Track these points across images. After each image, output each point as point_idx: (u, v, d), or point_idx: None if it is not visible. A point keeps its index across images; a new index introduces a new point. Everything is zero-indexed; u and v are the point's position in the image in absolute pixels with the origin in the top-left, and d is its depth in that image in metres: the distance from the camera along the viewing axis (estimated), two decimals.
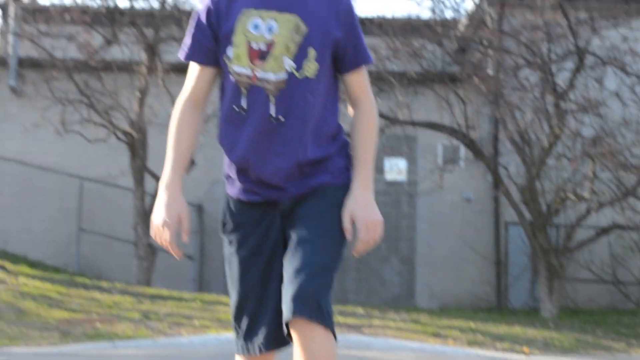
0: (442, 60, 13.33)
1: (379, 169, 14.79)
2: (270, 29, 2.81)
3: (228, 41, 2.88)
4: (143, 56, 13.51)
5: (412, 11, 13.36)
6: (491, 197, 15.21)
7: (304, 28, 2.81)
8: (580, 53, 12.18)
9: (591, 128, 12.74)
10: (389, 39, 12.68)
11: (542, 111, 12.45)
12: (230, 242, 2.99)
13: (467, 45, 13.41)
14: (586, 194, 12.61)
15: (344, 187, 2.91)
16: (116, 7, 13.21)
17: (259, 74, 2.82)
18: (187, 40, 3.00)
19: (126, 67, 13.75)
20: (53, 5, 13.73)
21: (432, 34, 12.58)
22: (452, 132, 12.94)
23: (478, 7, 13.14)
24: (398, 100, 13.10)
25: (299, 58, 2.81)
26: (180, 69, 14.39)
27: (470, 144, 12.91)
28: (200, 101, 3.00)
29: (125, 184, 14.81)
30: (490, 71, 12.94)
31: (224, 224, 3.02)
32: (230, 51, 2.87)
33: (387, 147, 14.27)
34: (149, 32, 13.33)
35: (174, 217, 2.88)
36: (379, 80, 12.58)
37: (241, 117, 2.88)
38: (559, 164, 13.23)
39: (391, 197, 15.24)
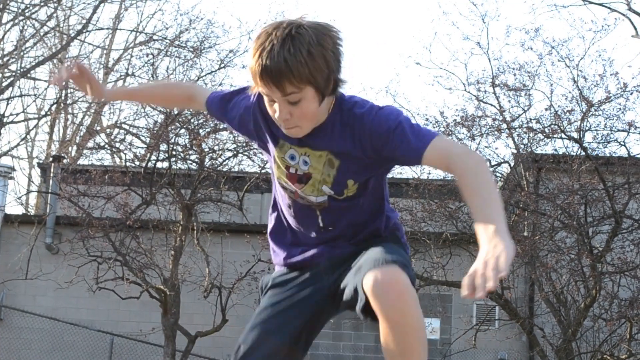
0: None
1: None
2: (305, 163, 2.82)
3: (272, 155, 2.93)
4: (179, 216, 13.56)
5: (448, 174, 13.24)
6: (526, 357, 14.96)
7: (336, 162, 2.79)
8: (617, 216, 12.14)
9: (628, 290, 12.55)
10: (425, 201, 12.71)
11: (578, 273, 12.32)
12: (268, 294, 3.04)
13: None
14: (623, 356, 12.36)
15: (392, 233, 2.97)
16: (155, 169, 13.32)
17: (301, 193, 2.88)
18: (224, 91, 3.07)
19: (162, 226, 13.76)
20: (94, 167, 13.90)
21: None
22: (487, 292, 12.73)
23: (514, 170, 13.23)
24: (433, 261, 13.02)
25: (337, 187, 2.83)
26: (215, 229, 14.52)
27: (505, 305, 12.74)
28: (192, 96, 3.17)
29: (156, 341, 14.59)
30: (526, 233, 12.87)
31: (263, 287, 3.09)
32: (274, 166, 2.93)
33: (421, 307, 14.07)
34: (186, 193, 13.40)
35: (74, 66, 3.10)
36: (414, 242, 12.52)
37: (292, 214, 2.96)
38: (596, 325, 12.93)
39: None
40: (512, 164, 13.40)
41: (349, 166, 2.78)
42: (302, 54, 2.50)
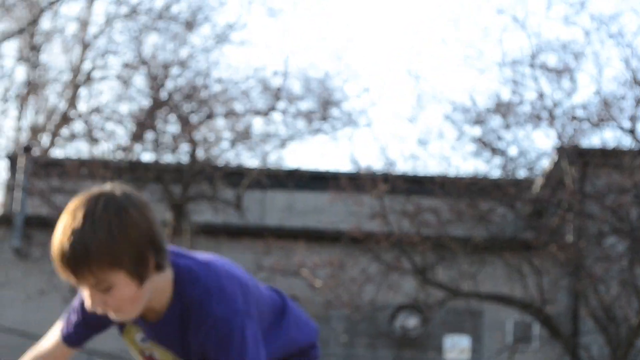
0: (513, 225, 13.30)
1: (438, 348, 14.59)
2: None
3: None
4: (168, 216, 13.57)
5: (480, 169, 13.33)
6: None
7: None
8: None
9: None
10: (453, 201, 12.76)
11: (630, 284, 12.32)
12: None
13: (543, 209, 13.40)
14: None
15: None
16: (140, 162, 13.38)
17: None
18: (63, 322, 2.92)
19: None
20: (68, 159, 13.93)
21: (502, 195, 12.61)
22: (524, 306, 12.84)
23: (556, 165, 13.22)
24: (461, 270, 13.06)
25: None
26: (210, 231, 14.50)
27: (546, 321, 12.81)
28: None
29: None
30: (570, 238, 12.91)
31: None
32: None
33: (448, 323, 14.14)
34: (177, 190, 13.44)
35: None
36: (439, 247, 12.60)
37: None
38: None
39: None
40: (554, 158, 13.39)
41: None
42: (99, 236, 2.43)
